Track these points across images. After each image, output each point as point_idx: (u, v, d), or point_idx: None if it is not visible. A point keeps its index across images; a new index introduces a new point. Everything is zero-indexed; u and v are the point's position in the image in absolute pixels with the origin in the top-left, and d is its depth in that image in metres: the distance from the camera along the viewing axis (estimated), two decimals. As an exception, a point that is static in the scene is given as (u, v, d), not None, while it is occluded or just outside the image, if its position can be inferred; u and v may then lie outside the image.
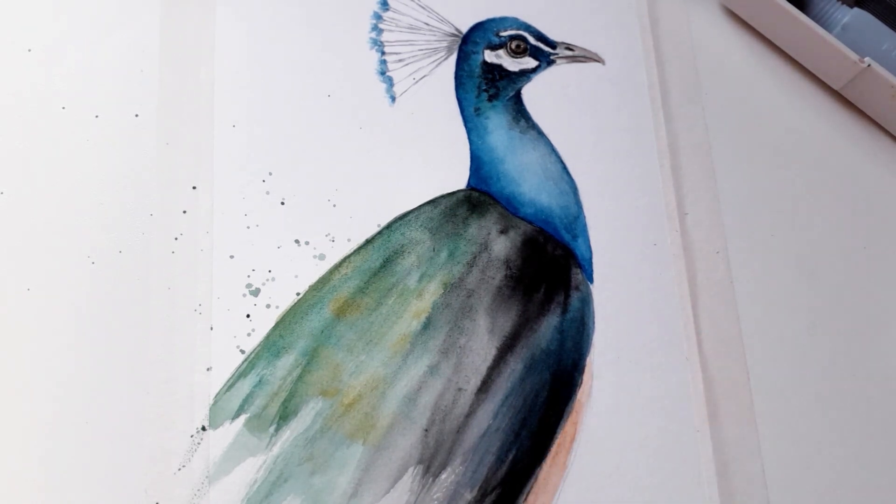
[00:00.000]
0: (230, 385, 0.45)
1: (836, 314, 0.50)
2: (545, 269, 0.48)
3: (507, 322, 0.47)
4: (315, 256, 0.48)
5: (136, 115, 0.50)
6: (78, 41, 0.52)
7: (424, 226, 0.49)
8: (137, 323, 0.46)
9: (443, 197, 0.50)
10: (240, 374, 0.45)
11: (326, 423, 0.44)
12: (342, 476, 0.43)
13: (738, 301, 0.50)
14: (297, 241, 0.48)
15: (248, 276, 0.47)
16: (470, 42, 0.53)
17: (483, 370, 0.46)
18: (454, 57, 0.53)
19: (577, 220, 0.50)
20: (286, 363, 0.45)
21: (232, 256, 0.47)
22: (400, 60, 0.53)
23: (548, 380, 0.46)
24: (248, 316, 0.46)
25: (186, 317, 0.46)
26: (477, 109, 0.52)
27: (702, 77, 0.55)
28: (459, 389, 0.45)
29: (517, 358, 0.46)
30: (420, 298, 0.47)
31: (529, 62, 0.53)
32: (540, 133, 0.52)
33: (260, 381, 0.45)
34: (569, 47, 0.54)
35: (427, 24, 0.54)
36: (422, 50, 0.53)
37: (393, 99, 0.52)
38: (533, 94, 0.53)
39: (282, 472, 0.43)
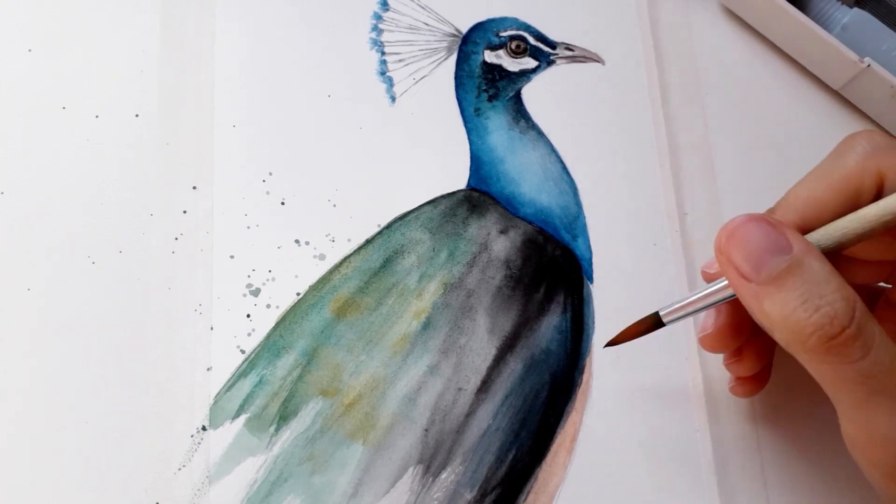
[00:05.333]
0: (230, 385, 0.45)
1: (836, 314, 0.50)
2: (545, 269, 0.48)
3: (507, 322, 0.47)
4: (315, 256, 0.48)
5: (136, 115, 0.50)
6: (78, 41, 0.52)
7: (424, 226, 0.49)
8: (137, 323, 0.46)
9: (443, 197, 0.50)
10: (240, 374, 0.45)
11: (326, 423, 0.44)
12: (342, 476, 0.43)
13: (738, 301, 0.50)
14: (297, 241, 0.48)
15: (249, 276, 0.47)
16: (470, 42, 0.53)
17: (483, 370, 0.46)
18: (454, 57, 0.53)
19: (577, 220, 0.50)
20: (286, 363, 0.45)
21: (232, 256, 0.47)
22: (400, 60, 0.53)
23: (548, 380, 0.46)
24: (248, 316, 0.46)
25: (186, 317, 0.46)
26: (477, 110, 0.52)
27: (702, 77, 0.55)
28: (459, 389, 0.45)
29: (517, 358, 0.46)
30: (420, 298, 0.47)
31: (529, 62, 0.53)
32: (540, 133, 0.52)
33: (260, 381, 0.45)
34: (569, 47, 0.54)
35: (427, 25, 0.54)
36: (422, 50, 0.53)
37: (393, 99, 0.52)
38: (533, 94, 0.53)
39: (282, 472, 0.43)
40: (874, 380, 0.33)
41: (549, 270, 0.48)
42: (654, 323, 0.42)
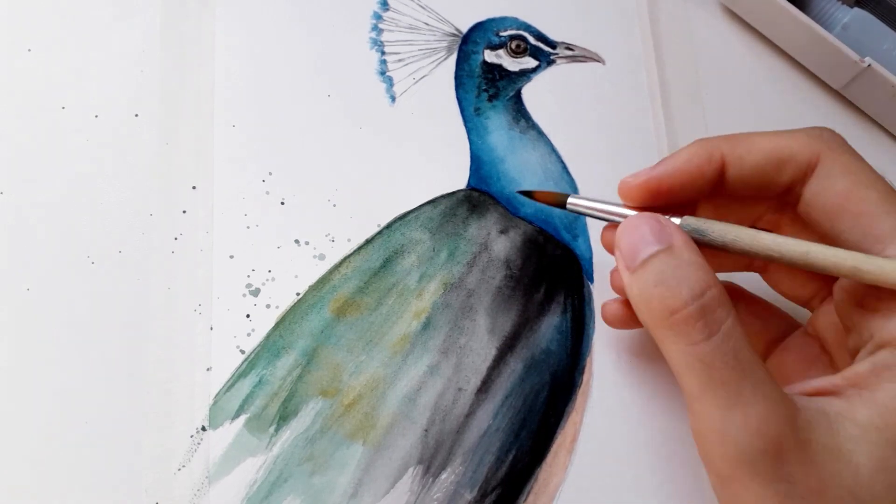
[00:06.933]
0: (230, 385, 0.45)
1: (837, 314, 0.50)
2: (545, 269, 0.48)
3: (507, 322, 0.47)
4: (315, 256, 0.48)
5: (136, 115, 0.50)
6: (78, 41, 0.52)
7: (424, 226, 0.49)
8: (137, 323, 0.46)
9: (443, 197, 0.50)
10: (240, 374, 0.45)
11: (326, 424, 0.44)
12: (342, 476, 0.43)
13: (738, 301, 0.50)
14: (297, 241, 0.48)
15: (248, 276, 0.47)
16: (470, 42, 0.53)
17: (483, 370, 0.46)
18: (454, 57, 0.53)
19: (577, 219, 0.50)
20: (286, 363, 0.45)
21: (232, 256, 0.47)
22: (400, 60, 0.53)
23: (548, 380, 0.46)
24: (248, 316, 0.46)
25: (186, 317, 0.46)
26: (477, 109, 0.52)
27: (702, 77, 0.55)
28: (459, 389, 0.45)
29: (517, 358, 0.46)
30: (420, 298, 0.47)
31: (529, 62, 0.53)
32: (540, 133, 0.52)
33: (260, 381, 0.45)
34: (569, 47, 0.54)
35: (427, 24, 0.54)
36: (422, 50, 0.53)
37: (393, 99, 0.52)
38: (533, 94, 0.53)
39: (282, 473, 0.43)
40: (713, 369, 0.32)
41: (550, 270, 0.48)
42: (559, 202, 0.43)
